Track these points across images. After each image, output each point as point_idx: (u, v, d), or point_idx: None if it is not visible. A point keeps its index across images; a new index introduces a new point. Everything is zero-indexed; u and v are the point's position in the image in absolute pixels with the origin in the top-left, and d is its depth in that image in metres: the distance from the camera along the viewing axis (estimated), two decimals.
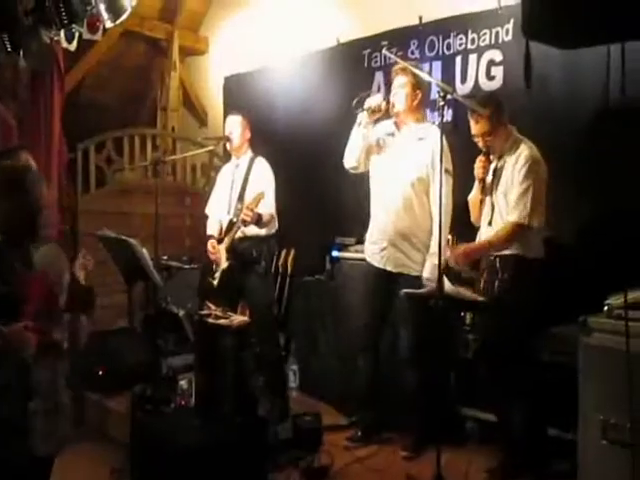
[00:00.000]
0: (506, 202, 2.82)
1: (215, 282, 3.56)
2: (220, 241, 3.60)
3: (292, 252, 4.23)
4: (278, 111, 4.62)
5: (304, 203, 4.12)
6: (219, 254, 3.57)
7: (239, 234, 3.52)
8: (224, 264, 3.53)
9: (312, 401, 3.83)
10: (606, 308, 2.37)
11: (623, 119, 2.90)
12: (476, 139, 2.88)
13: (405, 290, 3.03)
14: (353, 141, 3.24)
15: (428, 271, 3.01)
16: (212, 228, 3.76)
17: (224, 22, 5.60)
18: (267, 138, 4.19)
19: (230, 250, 3.54)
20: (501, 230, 2.80)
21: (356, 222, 3.74)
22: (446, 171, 2.97)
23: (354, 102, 3.16)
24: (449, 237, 3.23)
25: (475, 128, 2.85)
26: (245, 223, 3.40)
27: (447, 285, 2.73)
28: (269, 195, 3.57)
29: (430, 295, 2.80)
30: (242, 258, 3.55)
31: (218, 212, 3.75)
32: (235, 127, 3.71)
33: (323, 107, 4.23)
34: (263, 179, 3.61)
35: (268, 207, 3.58)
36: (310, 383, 4.00)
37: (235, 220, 3.51)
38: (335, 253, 3.85)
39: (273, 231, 3.64)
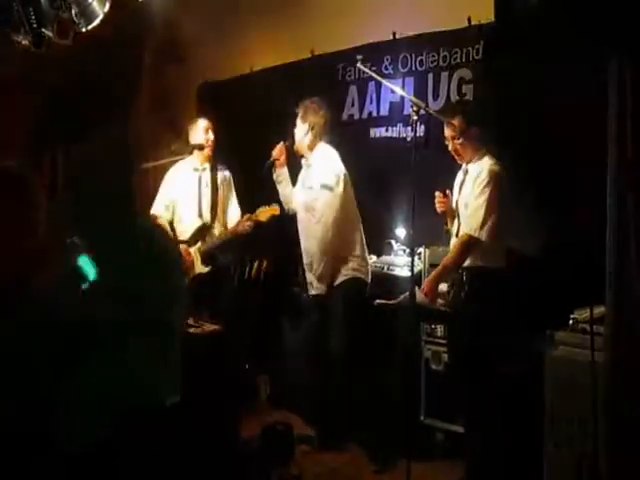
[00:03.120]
0: (466, 214, 2.89)
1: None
2: (189, 244, 3.58)
3: (265, 262, 4.22)
4: (251, 121, 4.62)
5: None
6: (191, 258, 3.55)
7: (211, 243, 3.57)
8: (202, 269, 3.52)
9: (283, 412, 3.82)
10: (571, 322, 2.45)
11: (589, 137, 3.00)
12: (447, 142, 2.98)
13: (377, 301, 3.07)
14: (280, 194, 3.48)
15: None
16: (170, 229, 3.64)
17: (199, 29, 5.57)
18: (239, 148, 4.20)
19: (206, 254, 3.54)
20: (453, 246, 2.90)
21: None
22: (325, 187, 3.22)
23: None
24: (420, 250, 3.30)
25: (446, 131, 2.98)
26: (243, 234, 3.52)
27: (418, 295, 2.78)
28: (236, 202, 3.74)
29: (402, 306, 2.84)
30: (217, 263, 3.60)
31: (184, 215, 3.67)
32: (209, 132, 3.70)
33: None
34: (232, 186, 3.76)
35: (237, 214, 3.71)
36: (281, 394, 3.99)
37: (209, 224, 3.57)
38: None
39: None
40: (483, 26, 3.38)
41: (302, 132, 3.35)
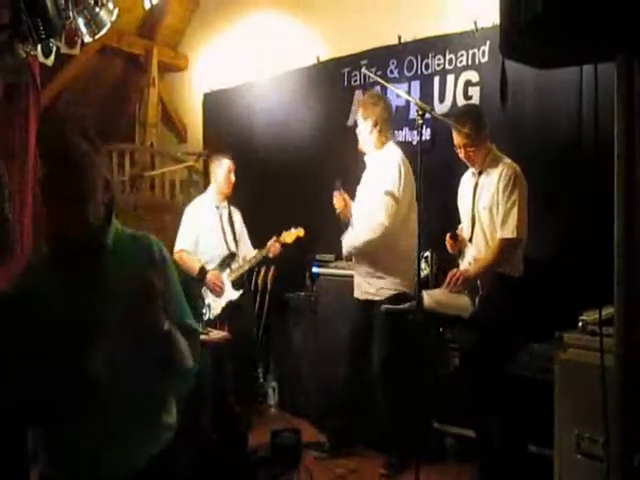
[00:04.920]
0: (490, 217, 2.86)
1: (217, 311, 3.72)
2: (220, 271, 3.82)
3: (272, 268, 4.22)
4: (258, 128, 4.64)
5: (283, 220, 4.13)
6: (222, 285, 3.75)
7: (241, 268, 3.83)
8: (234, 295, 3.77)
9: (291, 418, 3.81)
10: (580, 324, 2.42)
11: (595, 136, 2.98)
12: (458, 150, 2.93)
13: (385, 306, 3.06)
14: None
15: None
16: (200, 261, 3.77)
17: (204, 38, 5.62)
18: (247, 155, 4.21)
19: (237, 281, 3.83)
20: (492, 249, 2.83)
21: (336, 238, 3.76)
22: (387, 193, 3.03)
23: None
24: (427, 254, 3.28)
25: (457, 139, 2.91)
26: (272, 257, 3.83)
27: (427, 300, 2.76)
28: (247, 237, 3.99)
29: (410, 310, 2.82)
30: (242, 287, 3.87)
31: (209, 248, 3.82)
32: (232, 174, 3.83)
33: (303, 125, 4.26)
34: (243, 224, 3.99)
35: (250, 247, 3.97)
36: (289, 400, 3.98)
37: (235, 253, 3.83)
38: (315, 269, 3.86)
39: None
40: (489, 29, 3.39)
41: (366, 130, 3.11)
